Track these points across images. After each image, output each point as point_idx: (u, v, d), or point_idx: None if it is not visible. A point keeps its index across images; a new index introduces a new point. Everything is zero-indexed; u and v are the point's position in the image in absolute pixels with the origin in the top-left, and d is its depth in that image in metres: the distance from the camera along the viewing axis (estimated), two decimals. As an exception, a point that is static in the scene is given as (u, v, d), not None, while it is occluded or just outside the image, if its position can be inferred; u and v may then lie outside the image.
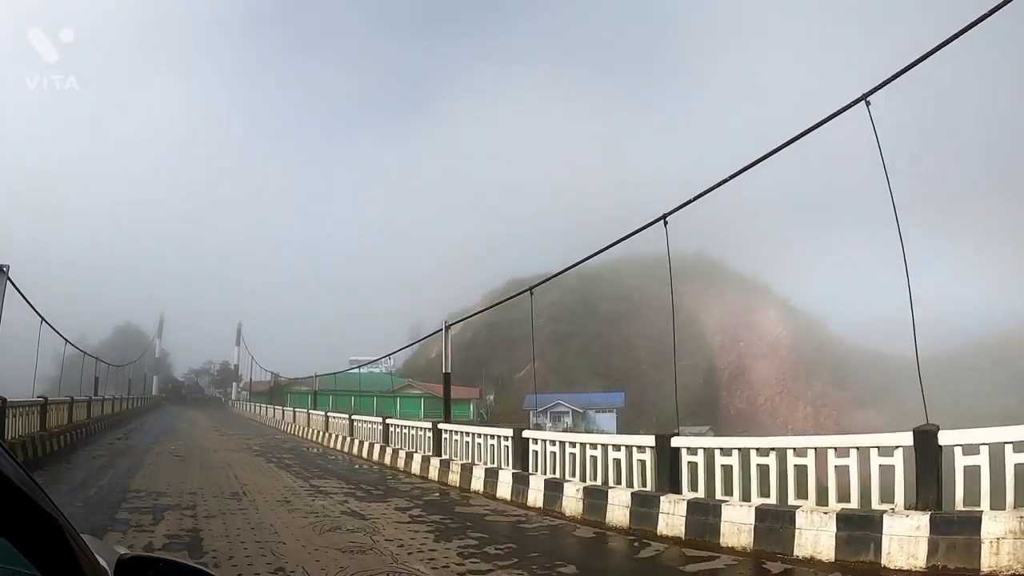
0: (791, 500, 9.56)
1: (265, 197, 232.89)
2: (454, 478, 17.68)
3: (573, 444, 14.03)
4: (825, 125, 11.76)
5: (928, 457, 8.22)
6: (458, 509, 14.17)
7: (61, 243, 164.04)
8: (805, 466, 9.54)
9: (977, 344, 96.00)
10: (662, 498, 11.04)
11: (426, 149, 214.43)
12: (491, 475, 16.02)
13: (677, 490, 11.05)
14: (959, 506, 7.96)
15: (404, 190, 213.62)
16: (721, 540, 9.84)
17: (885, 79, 10.34)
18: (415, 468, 20.43)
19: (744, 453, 10.43)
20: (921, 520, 7.88)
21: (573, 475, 13.58)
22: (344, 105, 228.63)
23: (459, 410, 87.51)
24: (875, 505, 8.76)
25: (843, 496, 9.12)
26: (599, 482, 12.81)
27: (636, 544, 10.61)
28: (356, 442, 27.86)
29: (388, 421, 25.78)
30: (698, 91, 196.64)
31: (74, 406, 29.80)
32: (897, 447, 8.72)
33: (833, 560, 8.49)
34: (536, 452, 14.82)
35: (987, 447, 7.81)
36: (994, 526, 7.26)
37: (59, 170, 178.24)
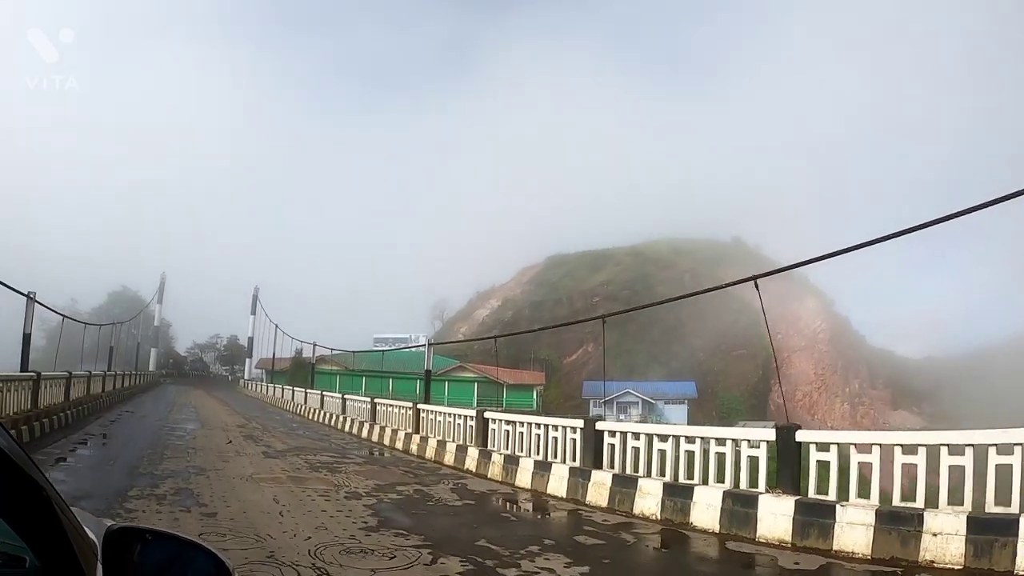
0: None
1: (293, 171, 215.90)
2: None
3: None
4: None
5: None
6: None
7: (55, 202, 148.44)
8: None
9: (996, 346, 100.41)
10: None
11: (466, 123, 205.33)
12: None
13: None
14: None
15: (439, 165, 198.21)
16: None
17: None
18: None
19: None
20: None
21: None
22: (381, 75, 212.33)
23: (521, 398, 73.32)
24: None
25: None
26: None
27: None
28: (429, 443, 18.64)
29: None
30: (748, 82, 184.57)
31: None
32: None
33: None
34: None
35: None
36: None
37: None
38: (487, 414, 16.81)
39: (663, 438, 11.56)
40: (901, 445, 8.52)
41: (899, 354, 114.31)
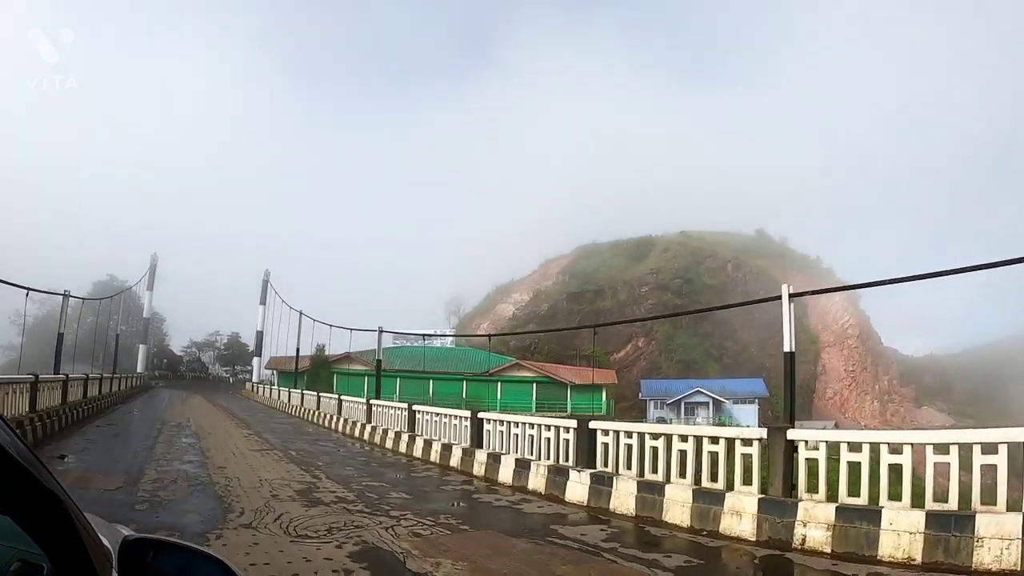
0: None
1: (291, 162, 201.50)
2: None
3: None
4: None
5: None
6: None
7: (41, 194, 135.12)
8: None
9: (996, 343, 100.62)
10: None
11: (478, 116, 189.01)
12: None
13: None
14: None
15: (449, 159, 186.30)
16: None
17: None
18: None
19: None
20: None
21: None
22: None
23: (589, 400, 61.40)
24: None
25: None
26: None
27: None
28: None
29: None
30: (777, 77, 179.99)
31: None
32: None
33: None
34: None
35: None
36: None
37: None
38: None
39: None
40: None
41: (902, 352, 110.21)
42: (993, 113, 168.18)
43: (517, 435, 13.31)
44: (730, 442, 9.57)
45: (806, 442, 8.79)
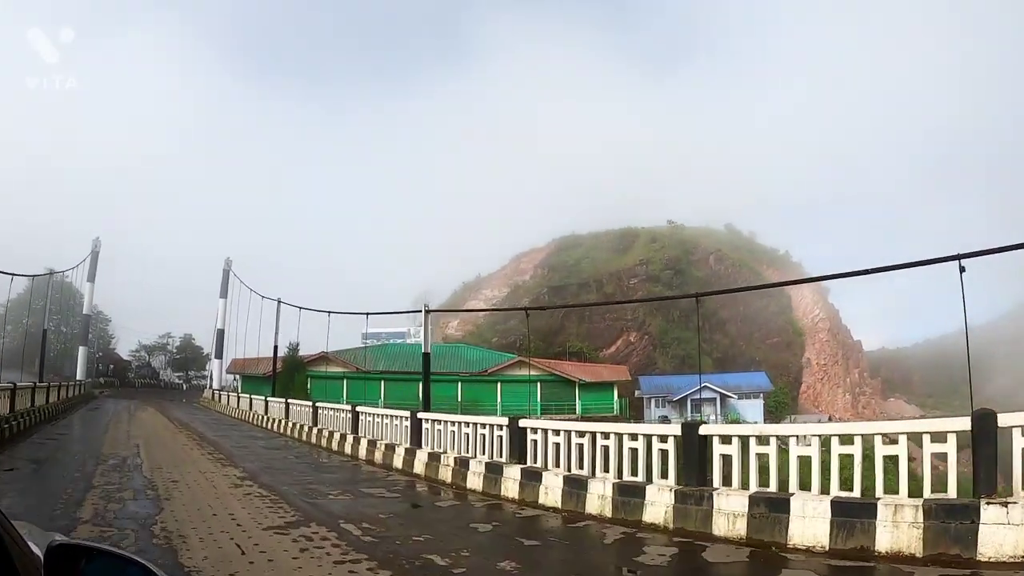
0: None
1: (246, 155, 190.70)
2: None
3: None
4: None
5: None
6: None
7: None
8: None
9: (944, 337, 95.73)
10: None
11: (444, 109, 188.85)
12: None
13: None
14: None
15: (412, 154, 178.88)
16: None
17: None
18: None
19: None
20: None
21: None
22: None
23: (599, 400, 55.06)
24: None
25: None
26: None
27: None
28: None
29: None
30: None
31: None
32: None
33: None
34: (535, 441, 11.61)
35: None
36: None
37: None
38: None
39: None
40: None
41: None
42: (942, 114, 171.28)
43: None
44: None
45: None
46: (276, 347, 36.72)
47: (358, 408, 18.14)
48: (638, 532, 8.28)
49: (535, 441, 11.25)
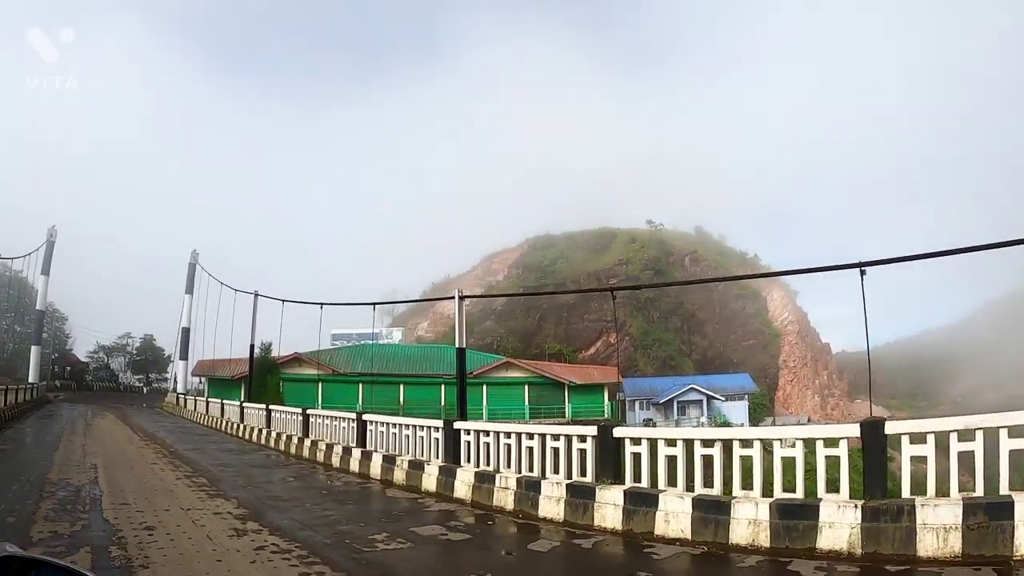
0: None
1: (209, 155, 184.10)
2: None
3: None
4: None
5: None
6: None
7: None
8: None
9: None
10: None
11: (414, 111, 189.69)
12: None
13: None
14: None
15: (380, 154, 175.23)
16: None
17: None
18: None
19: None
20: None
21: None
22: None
23: (589, 402, 52.38)
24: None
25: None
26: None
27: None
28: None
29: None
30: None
31: None
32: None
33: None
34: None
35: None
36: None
37: None
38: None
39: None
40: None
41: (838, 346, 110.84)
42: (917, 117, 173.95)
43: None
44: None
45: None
46: (253, 346, 33.47)
47: (364, 417, 15.67)
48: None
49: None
